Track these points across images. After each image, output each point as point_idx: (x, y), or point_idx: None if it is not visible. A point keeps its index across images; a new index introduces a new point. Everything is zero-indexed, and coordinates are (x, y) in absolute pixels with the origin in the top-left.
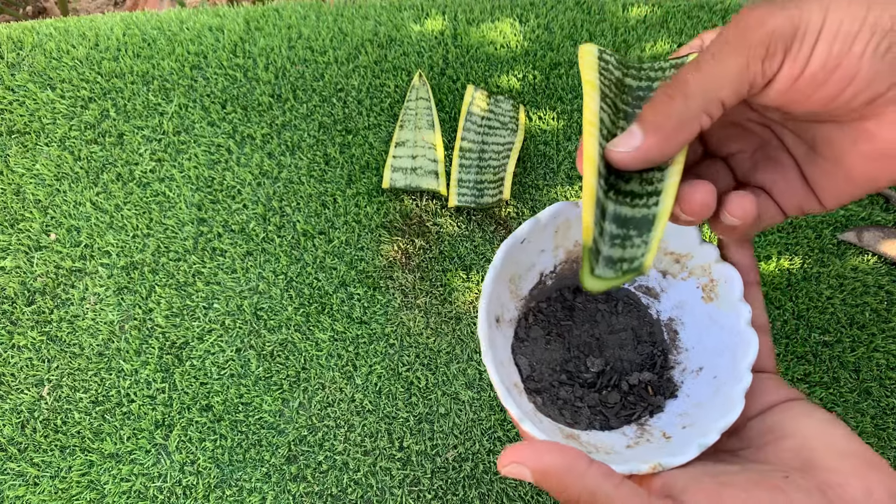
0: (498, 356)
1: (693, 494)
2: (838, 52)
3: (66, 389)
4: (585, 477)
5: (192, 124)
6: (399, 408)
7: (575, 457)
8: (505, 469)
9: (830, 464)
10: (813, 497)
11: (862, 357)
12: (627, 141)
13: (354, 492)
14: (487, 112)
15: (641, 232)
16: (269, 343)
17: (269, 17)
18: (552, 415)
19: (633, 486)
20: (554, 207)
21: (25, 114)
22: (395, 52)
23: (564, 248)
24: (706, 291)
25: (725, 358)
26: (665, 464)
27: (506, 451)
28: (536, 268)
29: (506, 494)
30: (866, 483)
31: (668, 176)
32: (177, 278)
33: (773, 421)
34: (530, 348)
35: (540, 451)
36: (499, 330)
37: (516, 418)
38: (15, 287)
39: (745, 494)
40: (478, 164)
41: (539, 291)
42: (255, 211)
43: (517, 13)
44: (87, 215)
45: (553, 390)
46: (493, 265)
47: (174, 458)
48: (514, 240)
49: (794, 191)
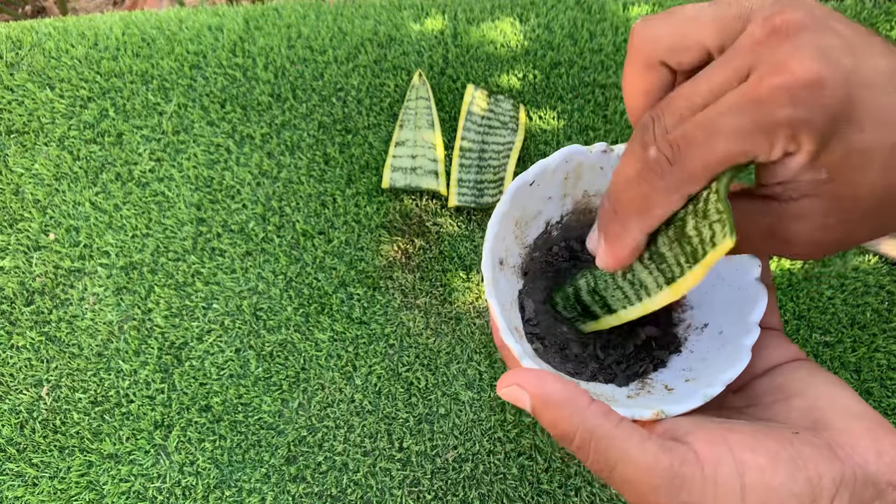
0: (501, 297)
1: (697, 436)
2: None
3: (65, 390)
4: (585, 413)
5: (191, 124)
6: (399, 408)
7: (576, 391)
8: (504, 391)
9: (841, 424)
10: (822, 452)
11: (863, 357)
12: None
13: (354, 492)
14: (487, 111)
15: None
16: (268, 343)
17: (269, 17)
18: (553, 362)
19: (634, 426)
20: (565, 151)
21: (24, 113)
22: (395, 51)
23: (573, 198)
24: None
25: (732, 313)
26: (668, 411)
27: (507, 373)
28: (542, 216)
29: (506, 495)
30: (878, 445)
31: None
32: (176, 278)
33: (781, 380)
34: (536, 294)
35: (544, 379)
36: (502, 273)
37: (516, 355)
38: (14, 287)
39: (753, 441)
40: (478, 164)
41: (544, 241)
42: (254, 211)
43: (517, 12)
44: (86, 215)
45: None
46: (500, 203)
47: (173, 458)
48: (522, 181)
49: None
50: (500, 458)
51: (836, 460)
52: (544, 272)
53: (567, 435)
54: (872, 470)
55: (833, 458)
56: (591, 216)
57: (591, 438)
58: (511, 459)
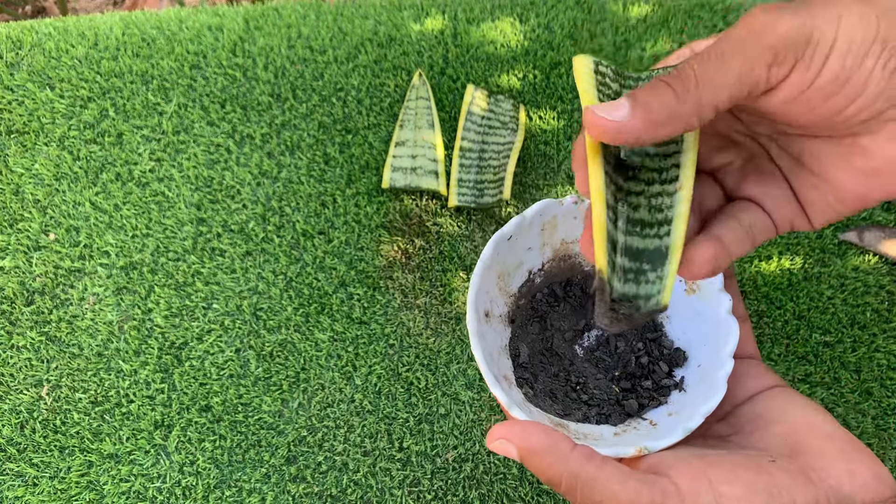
0: (487, 347)
1: (679, 470)
2: (850, 66)
3: (66, 390)
4: (569, 458)
5: (191, 124)
6: (399, 408)
7: (559, 438)
8: (493, 445)
9: (816, 448)
10: (797, 479)
11: (863, 357)
12: (611, 110)
13: (354, 492)
14: (487, 112)
15: (655, 265)
16: (268, 343)
17: (269, 17)
18: (543, 405)
19: (617, 465)
20: (539, 205)
21: (24, 113)
22: (395, 51)
23: (551, 246)
24: (689, 284)
25: (708, 347)
26: (651, 447)
27: (495, 427)
28: (525, 266)
29: (506, 495)
30: (850, 466)
31: (677, 202)
32: (176, 278)
33: (761, 408)
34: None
35: (528, 430)
36: (488, 324)
37: (504, 406)
38: (14, 287)
39: (731, 474)
40: (478, 164)
41: (528, 289)
42: (254, 211)
43: (517, 12)
44: (87, 215)
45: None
46: (481, 259)
47: (173, 458)
48: (500, 236)
49: (785, 205)
50: (500, 458)
51: (809, 485)
52: (531, 318)
53: (554, 480)
54: (846, 491)
55: (807, 483)
56: (570, 262)
57: (577, 482)
58: (511, 459)
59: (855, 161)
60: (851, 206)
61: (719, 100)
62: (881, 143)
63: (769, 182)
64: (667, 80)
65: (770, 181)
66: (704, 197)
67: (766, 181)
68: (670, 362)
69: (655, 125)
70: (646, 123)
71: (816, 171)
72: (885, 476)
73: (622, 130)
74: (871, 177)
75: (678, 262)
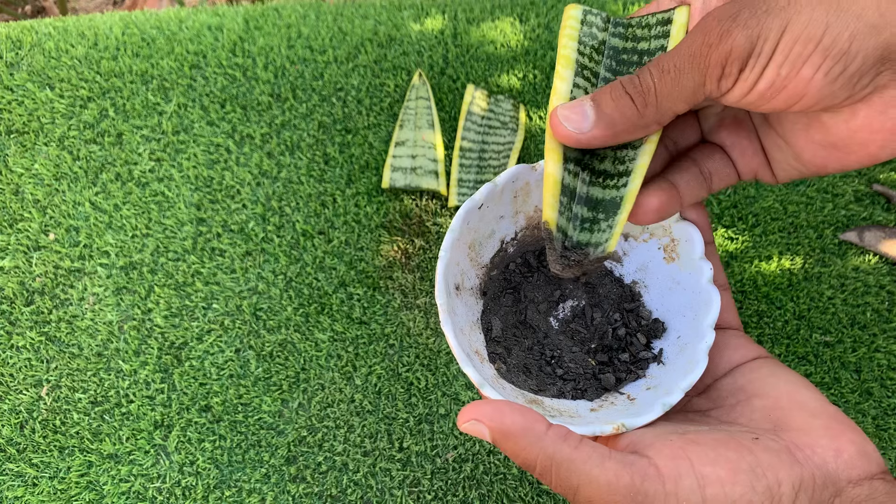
0: (458, 323)
1: (659, 449)
2: (786, 75)
3: (65, 390)
4: (543, 440)
5: (191, 124)
6: (399, 408)
7: (534, 419)
8: (464, 426)
9: (800, 424)
10: (782, 458)
11: (863, 357)
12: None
13: (354, 493)
14: (487, 111)
15: (608, 215)
16: (268, 343)
17: (269, 17)
18: (517, 381)
19: (594, 445)
20: (511, 171)
21: (24, 113)
22: (395, 51)
23: (525, 214)
24: (667, 252)
25: (688, 318)
26: (629, 424)
27: (466, 407)
28: (497, 235)
29: (506, 495)
30: (836, 443)
31: (639, 155)
32: (176, 278)
33: (743, 381)
34: (501, 312)
35: (501, 411)
36: (459, 298)
37: (476, 384)
38: (14, 287)
39: (713, 453)
40: (478, 164)
41: (500, 259)
42: (254, 211)
43: (517, 12)
44: (86, 215)
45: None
46: (450, 229)
47: (173, 458)
48: (471, 204)
49: (752, 156)
50: (500, 458)
51: (795, 464)
52: (504, 289)
53: (529, 463)
54: (831, 469)
55: (792, 463)
56: None
57: (552, 464)
58: (511, 459)
59: (814, 134)
60: (812, 171)
61: (677, 109)
62: (839, 122)
63: (741, 132)
64: (630, 90)
65: (742, 131)
66: (682, 134)
67: (739, 131)
68: (648, 334)
69: (617, 135)
70: (608, 134)
71: (781, 134)
72: (871, 452)
73: (583, 141)
74: (828, 149)
75: (628, 213)
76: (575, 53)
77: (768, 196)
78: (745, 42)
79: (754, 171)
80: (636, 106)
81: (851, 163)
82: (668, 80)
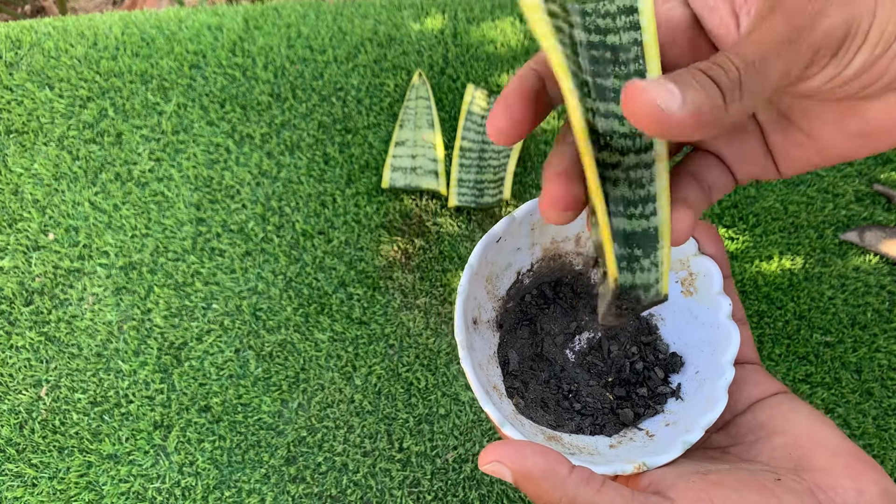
0: (476, 358)
1: (681, 492)
2: (875, 56)
3: (65, 390)
4: (566, 483)
5: (190, 124)
6: (399, 409)
7: (556, 461)
8: (486, 467)
9: (821, 463)
10: (804, 500)
11: (864, 357)
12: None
13: (354, 493)
14: (487, 111)
15: (647, 251)
16: (268, 343)
17: (269, 16)
18: (534, 416)
19: (617, 487)
20: (529, 205)
21: (24, 113)
22: (395, 50)
23: (541, 246)
24: (685, 286)
25: (706, 353)
26: (650, 463)
27: (488, 448)
28: (513, 267)
29: (506, 496)
30: (857, 483)
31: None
32: (175, 278)
33: (763, 417)
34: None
35: (522, 453)
36: (476, 332)
37: (497, 423)
38: (13, 287)
39: (736, 495)
40: (478, 164)
41: (516, 291)
42: (254, 211)
43: (517, 12)
44: (86, 215)
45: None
46: (468, 265)
47: (173, 459)
48: (490, 238)
49: (751, 162)
50: None
51: None
52: (520, 322)
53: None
54: None
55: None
56: (560, 261)
57: None
58: None
59: (848, 124)
60: (830, 162)
61: (755, 108)
62: (879, 110)
63: (741, 137)
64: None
65: (742, 136)
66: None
67: (738, 137)
68: (666, 368)
69: (700, 128)
70: (692, 124)
71: (805, 128)
72: (893, 491)
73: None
74: (861, 138)
75: (670, 247)
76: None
77: (769, 196)
78: (842, 24)
79: (753, 173)
80: (724, 97)
81: (883, 148)
82: (752, 73)
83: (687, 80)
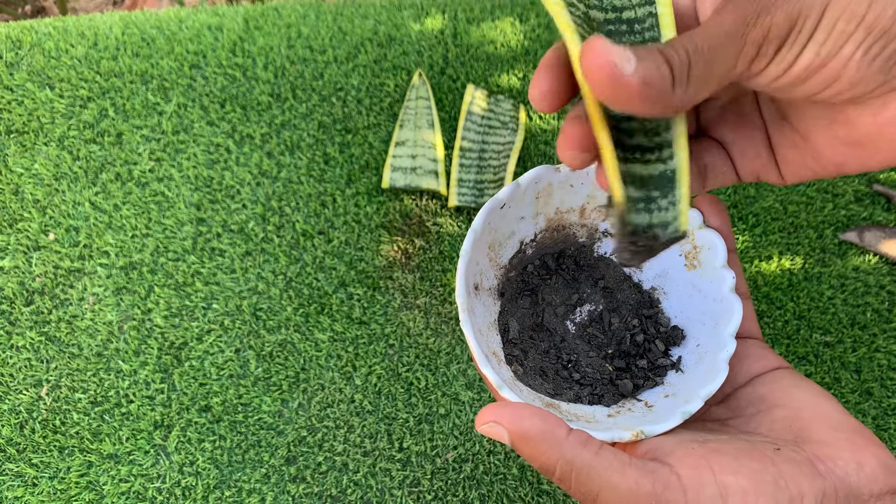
0: (477, 323)
1: (680, 458)
2: (826, 55)
3: (65, 390)
4: (563, 444)
5: (190, 124)
6: (399, 408)
7: (554, 423)
8: (483, 428)
9: (822, 436)
10: (804, 470)
11: (863, 357)
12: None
13: (354, 493)
14: (487, 111)
15: (664, 191)
16: (268, 343)
17: (269, 16)
18: (533, 384)
19: (615, 451)
20: (534, 171)
21: (24, 113)
22: (395, 51)
23: (545, 216)
24: (689, 259)
25: (708, 326)
26: (648, 431)
27: (485, 409)
28: (516, 236)
29: (506, 496)
30: (858, 456)
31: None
32: (176, 278)
33: (763, 390)
34: (518, 314)
35: (520, 414)
36: (477, 298)
37: (494, 385)
38: (13, 287)
39: (735, 462)
40: (478, 164)
41: (519, 260)
42: (254, 211)
43: (517, 12)
44: (86, 215)
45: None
46: (472, 229)
47: (173, 458)
48: (494, 203)
49: (754, 157)
50: (500, 458)
51: (817, 477)
52: (521, 291)
53: (548, 468)
54: (853, 482)
55: (814, 475)
56: (564, 232)
57: (572, 469)
58: (511, 459)
59: (837, 130)
60: (828, 172)
61: (703, 94)
62: (866, 116)
63: (745, 129)
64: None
65: (746, 129)
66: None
67: (742, 127)
68: (667, 341)
69: (645, 99)
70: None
71: (800, 130)
72: (894, 466)
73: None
74: (851, 147)
75: (688, 186)
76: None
77: (768, 196)
78: (785, 20)
79: (756, 173)
80: (674, 78)
81: (874, 163)
82: (700, 62)
83: (643, 54)
